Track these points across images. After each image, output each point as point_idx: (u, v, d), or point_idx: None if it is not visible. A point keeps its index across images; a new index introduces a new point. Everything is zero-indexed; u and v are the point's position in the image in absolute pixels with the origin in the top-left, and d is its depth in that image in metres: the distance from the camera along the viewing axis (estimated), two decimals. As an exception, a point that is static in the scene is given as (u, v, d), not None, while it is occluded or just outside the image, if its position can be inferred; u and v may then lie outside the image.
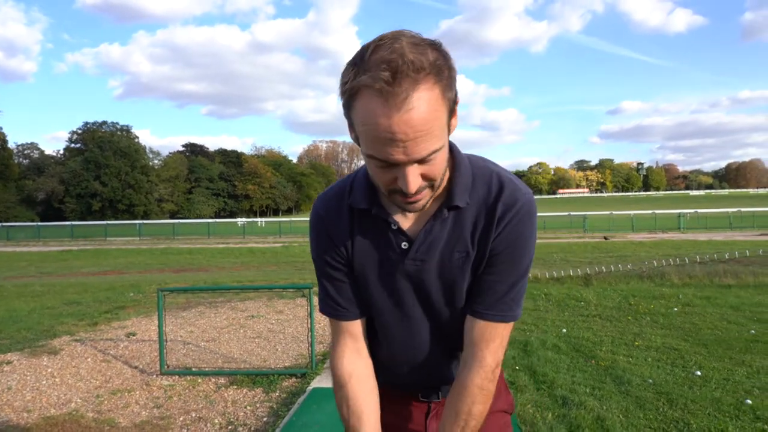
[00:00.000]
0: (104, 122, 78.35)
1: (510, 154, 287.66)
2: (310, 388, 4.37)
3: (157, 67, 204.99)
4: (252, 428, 3.77)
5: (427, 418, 1.27)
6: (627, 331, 6.19)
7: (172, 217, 68.85)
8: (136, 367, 5.27)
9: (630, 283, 10.04)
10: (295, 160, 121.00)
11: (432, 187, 0.99)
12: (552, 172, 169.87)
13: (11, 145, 74.01)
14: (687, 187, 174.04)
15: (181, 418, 3.99)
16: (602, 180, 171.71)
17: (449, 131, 0.96)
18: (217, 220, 59.78)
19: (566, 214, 40.38)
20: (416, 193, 0.95)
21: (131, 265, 17.44)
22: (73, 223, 45.58)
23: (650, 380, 4.35)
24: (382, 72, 0.85)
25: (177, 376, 4.91)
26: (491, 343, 1.11)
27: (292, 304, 8.44)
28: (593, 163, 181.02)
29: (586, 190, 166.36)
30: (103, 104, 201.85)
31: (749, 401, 3.78)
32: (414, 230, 1.10)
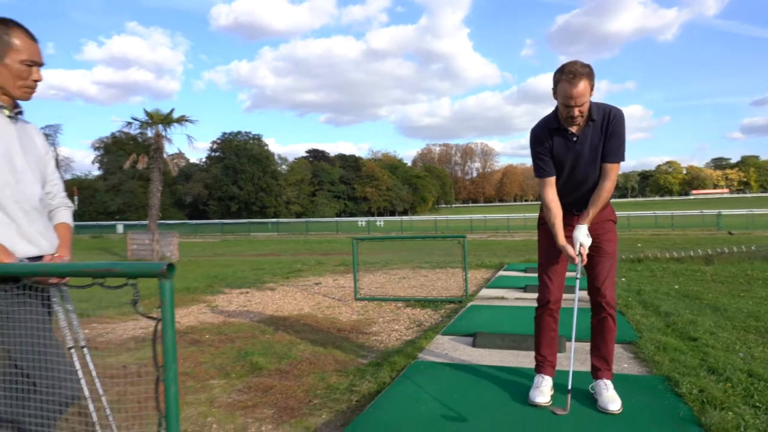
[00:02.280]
0: (239, 132, 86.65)
1: (635, 153, 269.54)
2: (466, 307, 5.98)
3: (279, 80, 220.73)
4: (431, 324, 5.45)
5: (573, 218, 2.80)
6: (736, 288, 7.07)
7: (298, 218, 74.35)
8: (334, 297, 7.25)
9: (754, 263, 10.47)
10: (409, 164, 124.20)
11: (582, 115, 2.56)
12: (684, 172, 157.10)
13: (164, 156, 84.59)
14: None
15: (380, 319, 5.80)
16: (745, 179, 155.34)
17: (590, 96, 2.54)
18: (341, 218, 63.73)
19: (698, 212, 38.35)
20: (579, 116, 2.54)
21: (282, 251, 20.33)
22: (223, 221, 51.64)
23: (745, 310, 5.41)
24: (569, 74, 2.45)
25: (367, 301, 6.79)
26: (613, 174, 2.66)
27: (431, 273, 10.15)
28: (734, 160, 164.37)
29: (726, 190, 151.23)
30: (235, 117, 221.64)
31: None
32: (578, 132, 2.66)
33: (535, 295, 2.95)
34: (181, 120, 16.96)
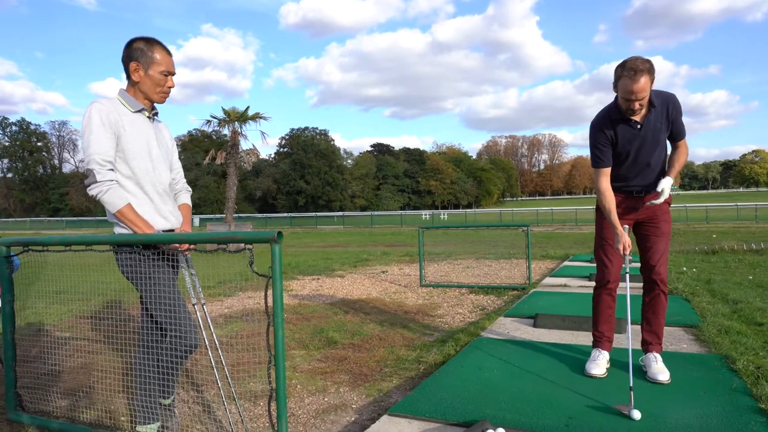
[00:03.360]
0: (306, 128, 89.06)
1: (718, 142, 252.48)
2: (529, 293, 6.15)
3: (345, 75, 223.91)
4: (494, 308, 5.68)
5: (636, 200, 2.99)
6: (817, 279, 6.79)
7: (363, 212, 75.48)
8: (400, 284, 7.60)
9: (843, 256, 9.88)
10: (474, 156, 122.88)
11: (643, 107, 2.75)
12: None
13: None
14: None
15: (444, 304, 6.08)
16: None
17: (650, 88, 2.72)
18: (405, 212, 64.22)
19: (786, 203, 35.73)
20: (639, 108, 2.74)
21: (348, 242, 20.95)
22: (291, 214, 53.52)
23: (822, 300, 5.26)
24: (630, 71, 2.64)
25: (432, 288, 7.09)
26: (684, 147, 2.90)
27: (495, 263, 10.29)
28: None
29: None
30: (302, 113, 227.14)
31: None
32: (640, 120, 2.84)
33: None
34: (256, 117, 17.86)
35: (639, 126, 2.84)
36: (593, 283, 3.20)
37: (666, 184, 2.85)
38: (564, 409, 2.47)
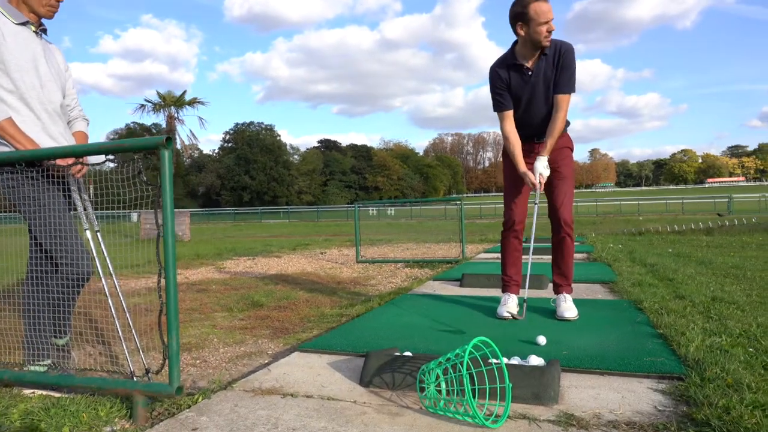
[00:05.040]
0: (251, 123, 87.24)
1: (651, 142, 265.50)
2: (462, 263, 6.23)
3: (293, 71, 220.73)
4: (427, 276, 5.71)
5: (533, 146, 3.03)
6: (728, 250, 7.24)
7: (309, 206, 74.74)
8: (336, 261, 7.54)
9: (754, 235, 10.58)
10: (421, 153, 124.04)
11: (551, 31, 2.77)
12: (699, 160, 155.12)
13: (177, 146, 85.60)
14: None
15: (378, 276, 6.07)
16: (762, 167, 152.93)
17: None
18: (352, 206, 63.96)
19: (710, 198, 38.08)
20: (548, 36, 2.75)
21: (292, 233, 20.67)
22: (235, 208, 52.27)
23: (730, 263, 5.59)
24: None
25: (368, 264, 7.06)
26: (564, 104, 2.87)
27: (434, 246, 10.41)
28: (751, 148, 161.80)
29: (742, 178, 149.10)
30: (248, 108, 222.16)
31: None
32: (532, 67, 2.87)
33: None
34: (194, 102, 17.36)
35: (530, 73, 2.85)
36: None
37: (539, 166, 2.83)
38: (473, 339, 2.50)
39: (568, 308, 2.93)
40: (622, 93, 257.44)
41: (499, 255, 3.25)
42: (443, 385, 1.74)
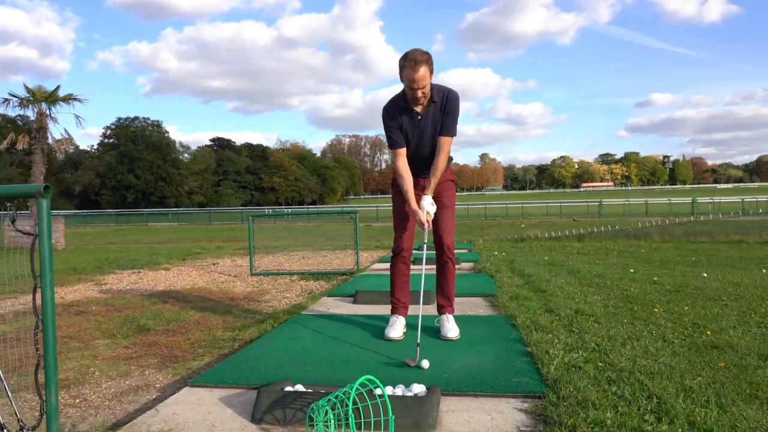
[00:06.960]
0: (136, 118, 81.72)
1: (535, 148, 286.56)
2: (356, 276, 6.38)
3: (184, 64, 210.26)
4: (322, 291, 5.80)
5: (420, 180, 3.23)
6: (594, 258, 8.07)
7: (201, 208, 71.62)
8: (230, 274, 7.38)
9: (617, 240, 11.86)
10: (319, 154, 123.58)
11: (425, 96, 2.97)
12: (576, 166, 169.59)
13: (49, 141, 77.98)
14: (716, 181, 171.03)
15: (273, 290, 6.04)
16: (627, 173, 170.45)
17: (430, 79, 2.95)
18: (246, 208, 62.27)
19: (584, 201, 41.88)
20: (422, 97, 2.95)
21: (182, 239, 19.75)
22: (117, 210, 48.70)
23: (594, 272, 6.26)
24: (411, 61, 2.85)
25: (263, 276, 6.99)
26: (446, 146, 3.09)
27: (330, 254, 10.51)
28: (618, 156, 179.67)
29: (611, 183, 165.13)
30: (132, 101, 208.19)
31: (656, 279, 5.69)
32: (421, 111, 3.07)
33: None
34: (68, 99, 15.89)
35: (419, 117, 3.07)
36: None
37: (425, 204, 3.05)
38: (363, 366, 2.63)
39: (450, 329, 3.16)
40: (510, 101, 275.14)
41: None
42: (332, 422, 1.84)
